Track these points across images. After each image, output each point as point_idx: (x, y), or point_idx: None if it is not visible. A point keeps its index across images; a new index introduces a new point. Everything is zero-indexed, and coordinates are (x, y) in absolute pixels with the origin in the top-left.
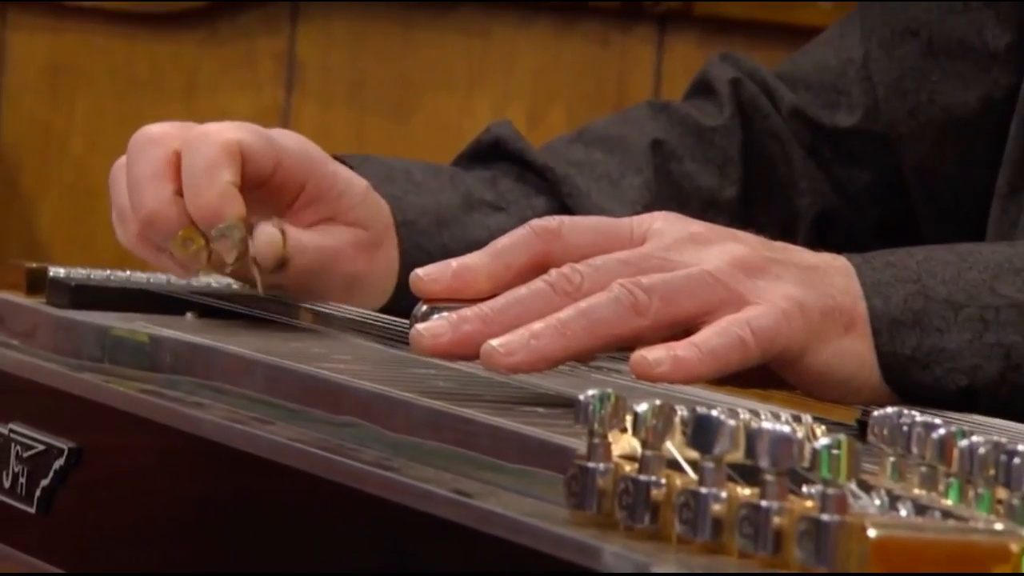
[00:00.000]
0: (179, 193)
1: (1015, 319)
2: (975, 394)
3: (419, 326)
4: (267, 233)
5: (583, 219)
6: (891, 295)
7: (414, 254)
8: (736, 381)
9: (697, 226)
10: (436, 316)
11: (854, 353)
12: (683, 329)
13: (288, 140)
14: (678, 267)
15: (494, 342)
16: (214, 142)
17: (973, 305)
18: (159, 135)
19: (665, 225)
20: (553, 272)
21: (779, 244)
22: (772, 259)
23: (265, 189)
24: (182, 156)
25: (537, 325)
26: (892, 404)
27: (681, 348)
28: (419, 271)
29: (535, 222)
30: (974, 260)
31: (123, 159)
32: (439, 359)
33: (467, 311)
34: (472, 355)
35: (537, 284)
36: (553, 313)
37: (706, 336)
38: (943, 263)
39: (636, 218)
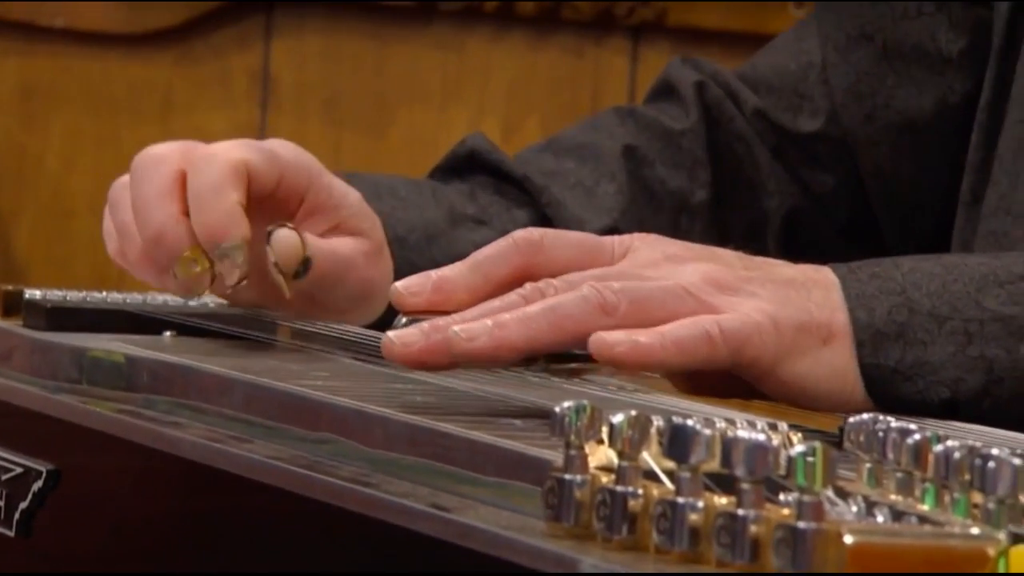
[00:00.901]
0: (186, 213)
1: (998, 332)
2: (957, 407)
3: (390, 333)
4: (285, 236)
5: (566, 234)
6: (875, 307)
7: (406, 270)
8: (719, 392)
9: (675, 247)
10: (412, 326)
11: (833, 366)
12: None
13: (287, 152)
14: (652, 280)
15: (457, 327)
16: (221, 162)
17: (957, 318)
18: (164, 155)
19: (644, 245)
20: (528, 286)
21: (759, 260)
22: (748, 278)
23: (267, 203)
24: (188, 176)
25: (503, 316)
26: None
27: (644, 334)
28: (399, 284)
29: (518, 234)
30: (959, 272)
31: (124, 178)
32: (411, 368)
33: (439, 320)
34: (443, 364)
35: (511, 298)
36: (521, 308)
37: (673, 327)
38: (928, 275)
39: (618, 237)
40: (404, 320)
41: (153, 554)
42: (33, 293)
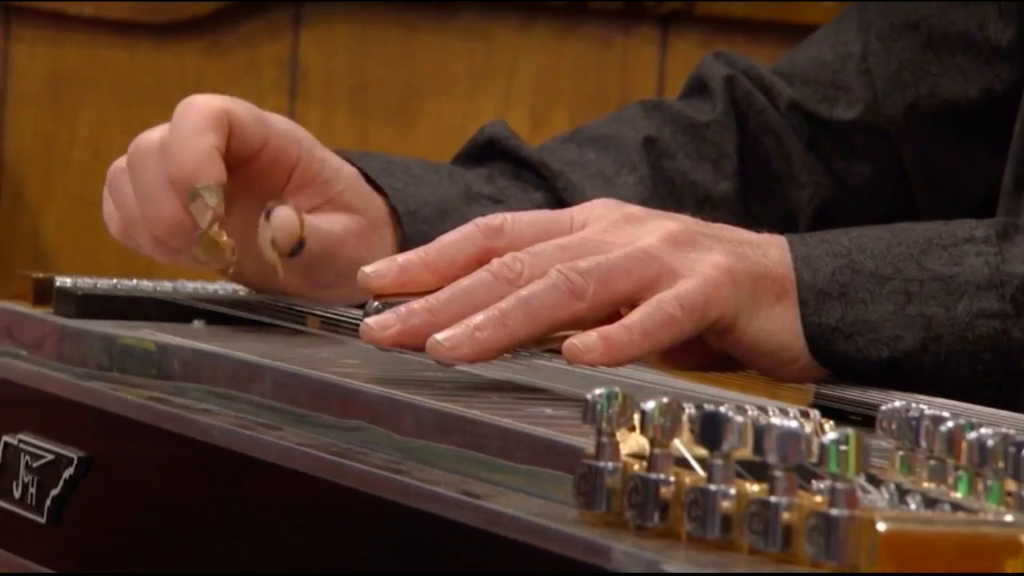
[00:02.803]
0: None
1: (938, 292)
2: (897, 364)
3: (368, 319)
4: (285, 214)
5: (525, 214)
6: (819, 268)
7: (419, 241)
8: (684, 363)
9: (632, 208)
10: (386, 311)
11: (784, 321)
12: (623, 307)
13: (277, 121)
14: (614, 248)
15: (439, 336)
16: (200, 108)
17: (898, 278)
18: (160, 139)
19: (603, 211)
20: (495, 261)
21: (717, 224)
22: (705, 233)
23: (255, 169)
24: (171, 124)
25: (479, 317)
26: (822, 378)
27: (612, 331)
28: (366, 268)
29: (480, 220)
30: (904, 236)
31: (121, 161)
32: (391, 350)
33: (414, 303)
34: (420, 346)
35: (480, 274)
36: (496, 301)
37: (636, 318)
38: (875, 239)
39: (576, 208)
40: (376, 303)
41: (183, 540)
42: (64, 281)
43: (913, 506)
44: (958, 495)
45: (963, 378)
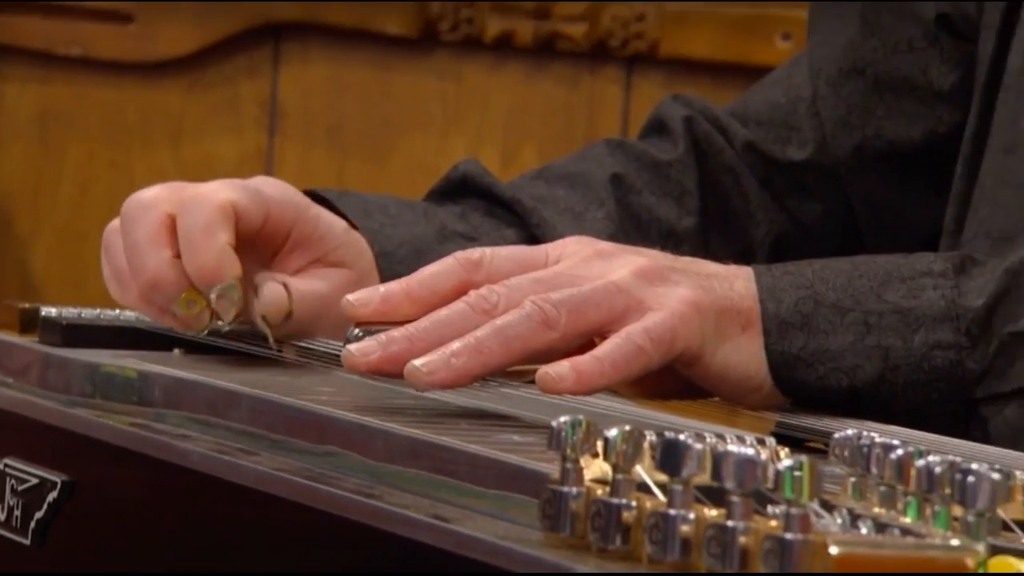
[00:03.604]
0: (178, 256)
1: (896, 323)
2: (856, 392)
3: (350, 346)
4: (273, 290)
5: (503, 249)
6: (783, 298)
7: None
8: (653, 392)
9: (604, 244)
10: (367, 339)
11: (749, 352)
12: (593, 337)
13: (273, 190)
14: (586, 281)
15: (416, 362)
16: (209, 205)
17: (859, 310)
18: (152, 199)
19: (577, 247)
20: (472, 293)
21: (685, 259)
22: (673, 268)
23: (256, 238)
24: (178, 219)
25: (456, 344)
26: (784, 405)
27: (583, 361)
28: (349, 296)
29: (460, 253)
30: (865, 269)
31: (115, 223)
32: (371, 376)
33: (394, 332)
34: (399, 373)
35: (458, 305)
36: (472, 333)
37: (607, 349)
38: (837, 271)
39: (551, 244)
40: (357, 331)
41: (163, 563)
42: (49, 311)
43: (864, 530)
44: (907, 520)
45: (920, 407)
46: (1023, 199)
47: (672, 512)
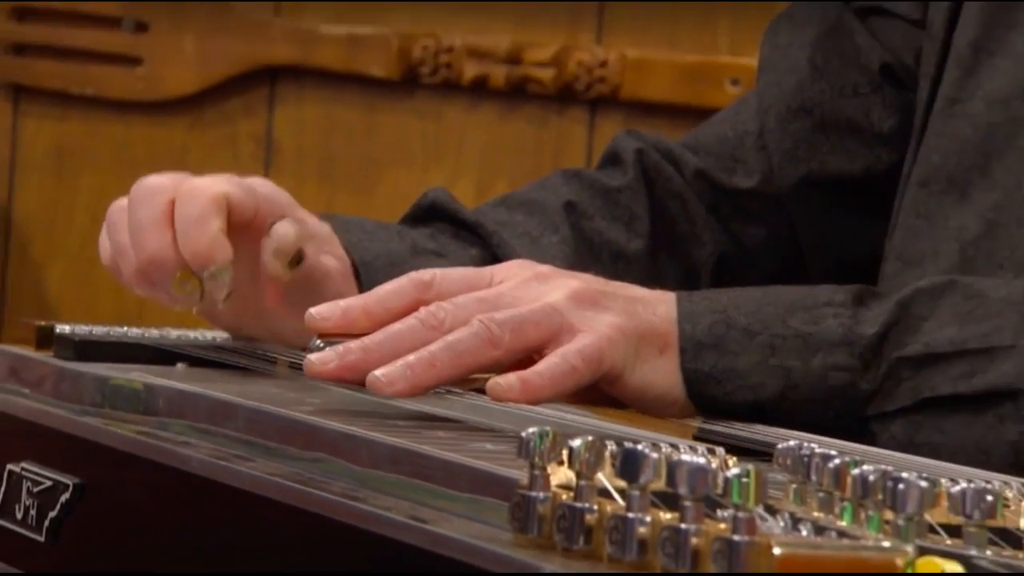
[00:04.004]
0: (175, 239)
1: (798, 347)
2: (760, 407)
3: (310, 356)
4: (284, 227)
5: (452, 270)
6: (699, 322)
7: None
8: (582, 400)
9: (541, 268)
10: (327, 349)
11: (666, 371)
12: (531, 354)
13: (264, 188)
14: (525, 302)
15: (377, 372)
16: (204, 195)
17: (765, 333)
18: (158, 186)
19: (518, 270)
20: (422, 309)
21: (615, 283)
22: (602, 292)
23: (248, 232)
24: (176, 207)
25: (412, 357)
26: (698, 417)
27: (528, 376)
28: (312, 310)
29: (412, 274)
30: (774, 298)
31: (122, 201)
32: (331, 383)
33: (351, 343)
34: (355, 380)
35: (409, 320)
36: (423, 344)
37: (547, 365)
38: (749, 299)
39: (495, 267)
40: (319, 342)
41: (165, 559)
42: (63, 328)
43: (804, 532)
44: (843, 523)
45: (817, 422)
46: (931, 227)
47: (630, 515)
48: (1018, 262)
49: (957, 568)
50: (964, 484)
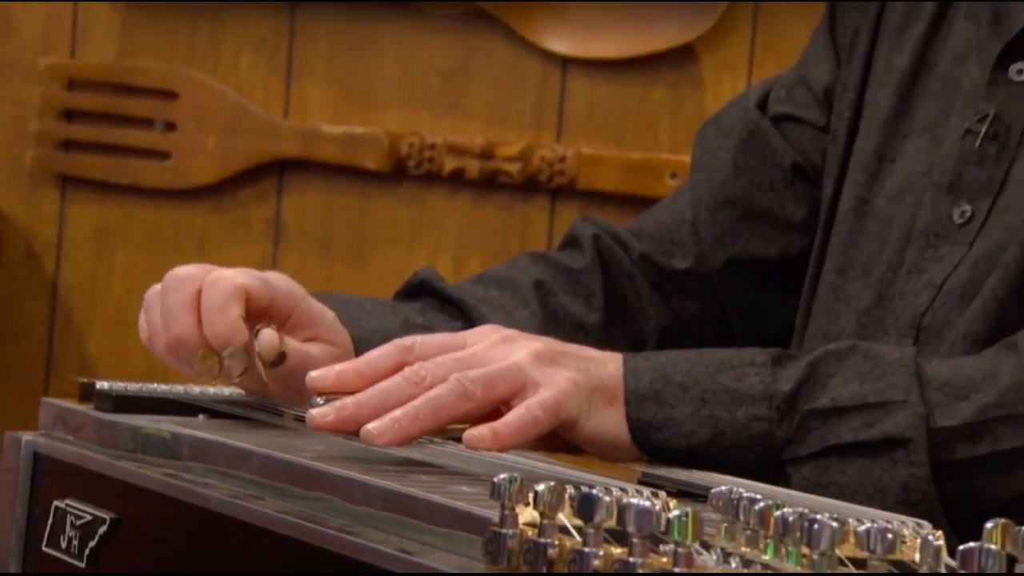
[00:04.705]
0: (200, 323)
1: (725, 400)
2: (693, 452)
3: (312, 410)
4: (267, 334)
5: (432, 336)
6: (642, 378)
7: None
8: (544, 444)
9: (507, 332)
10: (326, 403)
11: (614, 420)
12: (500, 405)
13: (279, 282)
14: (494, 361)
15: (369, 426)
16: (226, 286)
17: (697, 388)
18: (187, 276)
19: (488, 333)
20: (406, 369)
21: (571, 345)
22: (560, 352)
23: (264, 318)
24: (202, 295)
25: (398, 412)
26: (642, 461)
27: (498, 426)
28: (312, 373)
29: (397, 340)
30: (707, 358)
31: (156, 287)
32: (329, 433)
33: (346, 399)
34: (350, 430)
35: (395, 379)
36: (408, 398)
37: (513, 416)
38: (685, 359)
39: (468, 331)
40: (319, 399)
41: None
42: (102, 384)
43: (734, 565)
44: (767, 557)
45: (740, 464)
46: (848, 311)
47: (586, 550)
48: (900, 328)
49: None
50: (868, 524)
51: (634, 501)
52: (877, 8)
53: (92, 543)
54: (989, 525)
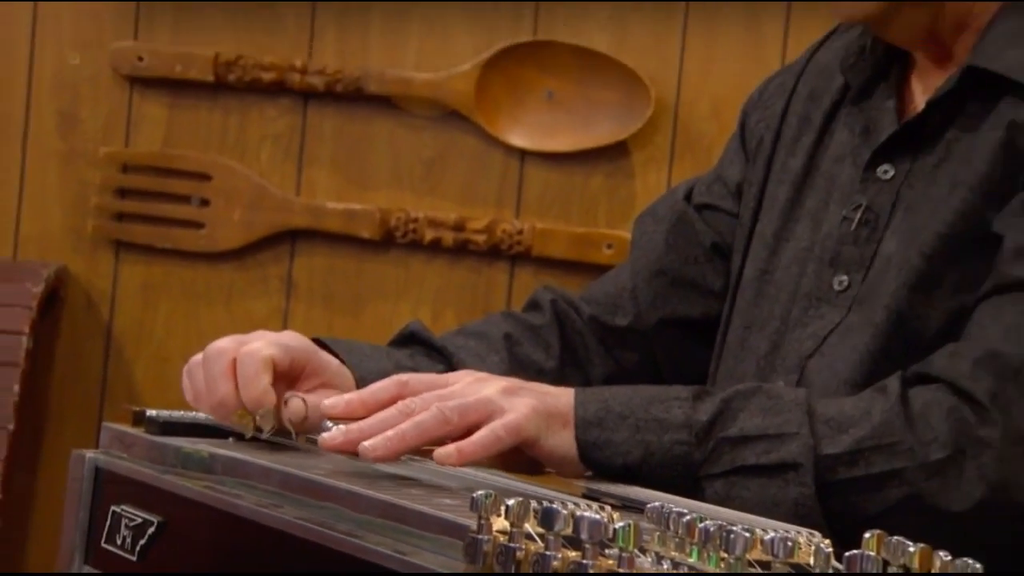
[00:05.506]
0: (237, 389)
1: (654, 427)
2: (628, 469)
3: (323, 434)
4: (296, 404)
5: (422, 376)
6: (589, 408)
7: None
8: (510, 468)
9: (480, 374)
10: (335, 428)
11: (566, 440)
12: (473, 430)
13: (293, 342)
14: (469, 395)
15: (365, 444)
16: (256, 358)
17: (632, 417)
18: (224, 349)
19: (465, 376)
20: (400, 403)
21: (533, 383)
22: (522, 386)
23: (287, 378)
24: (237, 366)
25: (389, 433)
26: (585, 478)
27: (463, 444)
28: (326, 401)
29: (394, 377)
30: (642, 394)
31: (197, 357)
32: (338, 453)
33: (352, 425)
34: (355, 451)
35: (391, 410)
36: (399, 425)
37: (477, 436)
38: (623, 393)
39: (450, 373)
40: (329, 424)
41: (223, 573)
42: (151, 412)
43: (666, 567)
44: (692, 560)
45: (666, 480)
46: (750, 357)
47: (547, 553)
48: (788, 368)
49: None
50: (773, 533)
51: (587, 514)
52: (778, 120)
53: (142, 541)
54: (867, 535)
